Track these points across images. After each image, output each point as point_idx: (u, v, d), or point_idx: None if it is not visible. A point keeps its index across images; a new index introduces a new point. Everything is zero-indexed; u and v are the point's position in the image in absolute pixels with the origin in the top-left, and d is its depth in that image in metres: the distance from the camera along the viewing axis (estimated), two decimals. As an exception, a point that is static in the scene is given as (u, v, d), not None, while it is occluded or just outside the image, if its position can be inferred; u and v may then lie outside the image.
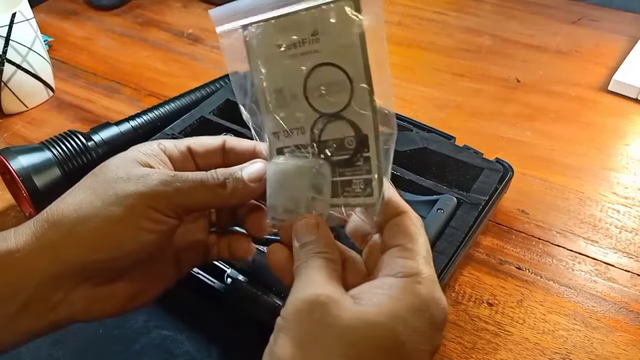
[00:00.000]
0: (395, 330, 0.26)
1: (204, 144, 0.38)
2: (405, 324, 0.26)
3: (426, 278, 0.28)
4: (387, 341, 0.26)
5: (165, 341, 0.44)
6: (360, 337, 0.26)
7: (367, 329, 0.26)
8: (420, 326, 0.27)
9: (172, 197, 0.32)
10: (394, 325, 0.26)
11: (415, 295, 0.27)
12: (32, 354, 0.43)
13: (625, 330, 0.46)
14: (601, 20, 0.86)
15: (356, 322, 0.26)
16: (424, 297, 0.27)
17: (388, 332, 0.26)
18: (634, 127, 0.67)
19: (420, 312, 0.27)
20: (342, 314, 0.27)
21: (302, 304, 0.28)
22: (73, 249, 0.31)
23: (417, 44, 0.83)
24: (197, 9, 0.93)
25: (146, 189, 0.32)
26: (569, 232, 0.54)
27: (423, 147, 0.56)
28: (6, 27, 0.64)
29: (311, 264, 0.30)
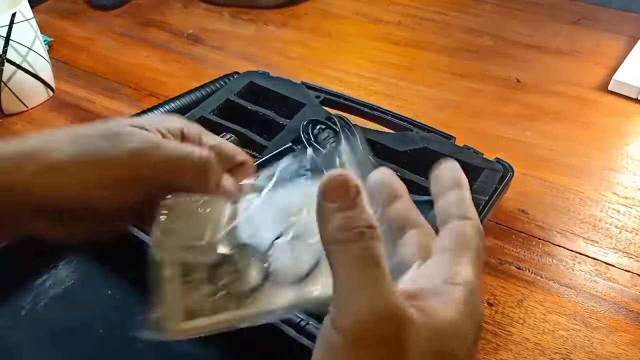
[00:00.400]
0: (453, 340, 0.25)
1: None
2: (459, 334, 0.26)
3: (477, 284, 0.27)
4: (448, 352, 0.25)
5: (165, 341, 0.44)
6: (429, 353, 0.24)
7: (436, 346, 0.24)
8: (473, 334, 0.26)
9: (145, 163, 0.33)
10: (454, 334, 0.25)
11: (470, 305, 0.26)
12: (32, 354, 0.43)
13: (625, 330, 0.46)
14: (601, 20, 0.86)
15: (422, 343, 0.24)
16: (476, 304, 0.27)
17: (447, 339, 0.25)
18: (634, 127, 0.67)
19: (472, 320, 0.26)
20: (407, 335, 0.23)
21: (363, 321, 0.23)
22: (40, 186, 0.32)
23: (416, 44, 0.83)
24: (197, 9, 0.93)
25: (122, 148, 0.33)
26: (569, 232, 0.54)
27: (423, 147, 0.56)
28: (6, 27, 0.64)
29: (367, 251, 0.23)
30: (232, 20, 0.90)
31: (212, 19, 0.90)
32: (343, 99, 0.63)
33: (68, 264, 0.49)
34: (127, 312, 0.46)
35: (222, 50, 0.82)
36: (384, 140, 0.56)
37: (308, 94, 0.63)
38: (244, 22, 0.90)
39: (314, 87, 0.64)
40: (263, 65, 0.74)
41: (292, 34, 0.86)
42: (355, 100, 0.63)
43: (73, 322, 0.45)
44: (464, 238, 0.29)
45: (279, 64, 0.79)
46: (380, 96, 0.73)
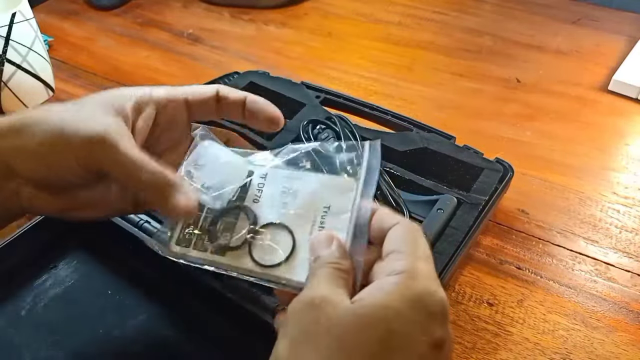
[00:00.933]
0: (385, 319, 0.27)
1: (198, 94, 0.40)
2: (397, 314, 0.27)
3: (420, 274, 0.29)
4: (377, 330, 0.26)
5: (165, 341, 0.44)
6: (348, 328, 0.27)
7: (356, 320, 0.27)
8: (414, 316, 0.27)
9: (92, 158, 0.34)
10: (384, 314, 0.27)
11: (408, 288, 0.28)
12: (32, 354, 0.43)
13: (625, 330, 0.46)
14: (601, 20, 0.86)
15: (346, 316, 0.27)
16: (417, 290, 0.28)
17: (377, 322, 0.27)
18: (634, 127, 0.67)
19: (414, 303, 0.27)
20: (334, 312, 0.27)
21: (298, 305, 0.29)
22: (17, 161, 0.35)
23: (416, 44, 0.83)
24: (197, 9, 0.93)
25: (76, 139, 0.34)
26: (569, 232, 0.54)
27: (423, 147, 0.56)
28: (6, 27, 0.64)
29: (318, 272, 0.31)
30: (232, 20, 0.90)
31: (212, 19, 0.90)
32: (343, 99, 0.63)
33: (68, 264, 0.49)
34: (127, 312, 0.46)
35: (222, 50, 0.83)
36: (384, 140, 0.56)
37: (308, 94, 0.63)
38: (244, 22, 0.90)
39: (314, 87, 0.64)
40: (263, 65, 0.74)
41: (292, 34, 0.86)
42: (355, 100, 0.63)
43: (73, 322, 0.45)
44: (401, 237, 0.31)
45: (279, 64, 0.79)
46: (380, 96, 0.73)
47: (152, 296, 0.47)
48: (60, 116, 0.35)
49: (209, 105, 0.40)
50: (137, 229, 0.48)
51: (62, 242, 0.51)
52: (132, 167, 0.34)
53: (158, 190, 0.35)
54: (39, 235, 0.49)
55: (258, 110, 0.39)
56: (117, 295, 0.47)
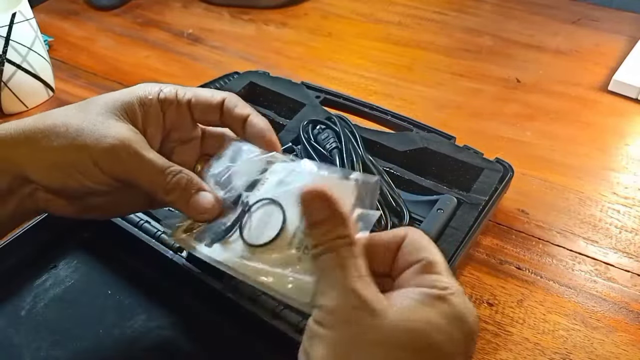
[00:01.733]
0: (432, 336, 0.26)
1: (203, 100, 0.39)
2: (441, 331, 0.26)
3: (457, 290, 0.28)
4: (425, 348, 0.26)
5: (165, 341, 0.44)
6: (399, 344, 0.26)
7: (407, 335, 0.26)
8: (457, 335, 0.27)
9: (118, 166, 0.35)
10: (431, 331, 0.26)
11: (450, 305, 0.27)
12: (32, 354, 0.43)
13: (625, 330, 0.46)
14: (601, 20, 0.86)
15: (395, 330, 0.26)
16: (459, 308, 0.27)
17: (424, 339, 0.26)
18: (634, 127, 0.67)
19: (456, 321, 0.27)
20: (379, 322, 0.26)
21: (337, 309, 0.27)
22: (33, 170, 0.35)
23: (416, 44, 0.83)
24: (197, 9, 0.93)
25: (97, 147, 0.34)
26: (569, 232, 0.54)
27: (423, 147, 0.56)
28: (6, 27, 0.64)
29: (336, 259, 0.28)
30: (232, 20, 0.90)
31: (212, 19, 0.90)
32: (343, 99, 0.63)
33: (68, 264, 0.49)
34: (127, 312, 0.46)
35: (222, 50, 0.83)
36: (384, 140, 0.56)
37: (308, 94, 0.63)
38: (244, 22, 0.90)
39: (314, 87, 0.64)
40: (263, 65, 0.74)
41: (292, 34, 0.86)
42: (355, 100, 0.63)
43: (73, 322, 0.45)
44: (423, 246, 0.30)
45: (278, 64, 0.79)
46: (380, 96, 0.73)
47: (152, 296, 0.47)
48: (75, 125, 0.35)
49: (212, 113, 0.40)
50: (137, 229, 0.48)
51: (62, 242, 0.51)
52: (156, 172, 0.35)
53: (181, 193, 0.36)
54: (39, 235, 0.49)
55: (257, 133, 0.39)
56: (117, 295, 0.47)
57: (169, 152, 0.40)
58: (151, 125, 0.38)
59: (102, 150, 0.34)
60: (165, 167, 0.36)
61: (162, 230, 0.48)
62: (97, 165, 0.35)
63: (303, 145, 0.54)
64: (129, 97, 0.37)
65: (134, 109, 0.37)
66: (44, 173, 0.35)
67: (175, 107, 0.39)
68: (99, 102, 0.37)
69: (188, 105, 0.39)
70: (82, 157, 0.35)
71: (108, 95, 0.38)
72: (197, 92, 0.40)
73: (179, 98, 0.39)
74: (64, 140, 0.35)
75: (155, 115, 0.38)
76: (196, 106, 0.39)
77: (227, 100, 0.39)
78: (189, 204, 0.36)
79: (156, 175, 0.35)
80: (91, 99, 0.38)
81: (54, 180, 0.36)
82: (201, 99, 0.39)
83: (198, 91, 0.40)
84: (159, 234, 0.47)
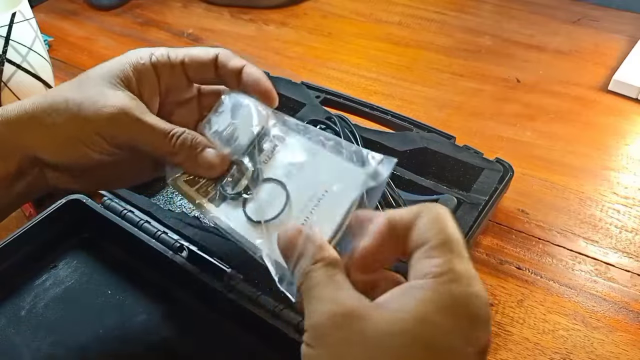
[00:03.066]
0: (424, 336, 0.24)
1: (197, 58, 0.39)
2: (437, 328, 0.24)
3: (459, 273, 0.25)
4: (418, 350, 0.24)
5: (165, 341, 0.44)
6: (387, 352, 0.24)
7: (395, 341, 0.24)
8: (458, 327, 0.24)
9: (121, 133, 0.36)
10: (423, 331, 0.24)
11: (448, 294, 0.25)
12: (32, 354, 0.43)
13: (625, 330, 0.46)
14: (601, 20, 0.86)
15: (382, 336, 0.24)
16: (458, 295, 0.25)
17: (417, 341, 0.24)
18: (634, 127, 0.67)
19: (455, 311, 0.24)
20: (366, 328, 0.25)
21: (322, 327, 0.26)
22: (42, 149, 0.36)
23: (417, 44, 0.83)
24: (197, 9, 0.93)
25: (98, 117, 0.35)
26: (569, 232, 0.54)
27: (423, 147, 0.56)
28: (6, 27, 0.64)
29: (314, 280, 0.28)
30: (232, 20, 0.90)
31: (212, 18, 0.90)
32: (343, 99, 0.63)
33: (68, 264, 0.49)
34: (127, 312, 0.46)
35: (222, 50, 0.82)
36: (384, 140, 0.56)
37: (308, 94, 0.63)
38: (244, 22, 0.90)
39: (314, 87, 0.64)
40: (263, 65, 0.74)
41: (292, 33, 0.86)
42: (355, 100, 0.63)
43: (73, 322, 0.45)
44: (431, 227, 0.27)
45: (278, 64, 0.79)
46: (380, 96, 0.73)
47: (152, 296, 0.47)
48: (75, 99, 0.36)
49: (207, 70, 0.39)
50: (137, 229, 0.48)
51: (62, 242, 0.51)
52: (159, 136, 0.36)
53: (188, 153, 0.36)
54: (39, 235, 0.49)
55: (252, 82, 0.39)
56: (117, 295, 0.47)
57: (168, 115, 0.40)
58: (147, 90, 0.38)
59: (104, 120, 0.35)
60: (168, 130, 0.36)
61: (162, 230, 0.48)
62: (100, 136, 0.35)
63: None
64: (122, 64, 0.38)
65: (128, 76, 0.37)
66: (52, 150, 0.36)
67: (169, 69, 0.39)
68: (94, 74, 0.38)
69: (182, 65, 0.39)
70: (86, 130, 0.35)
71: (101, 66, 0.38)
72: (190, 51, 0.39)
73: (171, 59, 0.39)
74: (67, 116, 0.35)
75: (150, 80, 0.39)
76: (190, 65, 0.39)
77: (220, 54, 0.39)
78: (197, 162, 0.36)
79: (160, 138, 0.36)
80: (85, 73, 0.38)
81: (63, 156, 0.36)
82: (194, 57, 0.39)
83: (190, 50, 0.40)
84: (159, 234, 0.47)
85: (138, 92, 0.38)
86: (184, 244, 0.46)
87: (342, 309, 0.26)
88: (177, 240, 0.47)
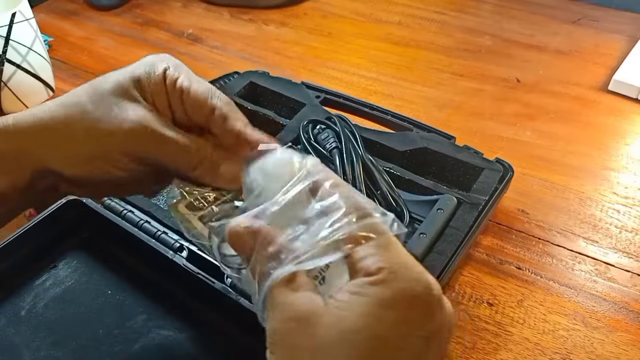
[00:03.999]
0: (370, 329, 0.24)
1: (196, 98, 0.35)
2: (380, 320, 0.24)
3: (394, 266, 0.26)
4: (368, 343, 0.24)
5: (165, 341, 0.44)
6: (337, 350, 0.25)
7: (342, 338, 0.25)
8: (401, 315, 0.25)
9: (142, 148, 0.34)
10: (367, 324, 0.24)
11: (386, 287, 0.25)
12: (32, 354, 0.43)
13: (625, 330, 0.46)
14: (601, 20, 0.86)
15: (330, 335, 0.25)
16: (397, 285, 0.25)
17: (364, 335, 0.24)
18: (634, 127, 0.67)
19: (395, 301, 0.25)
20: (316, 331, 0.25)
21: (278, 332, 0.26)
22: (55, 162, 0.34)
23: (416, 44, 0.83)
24: (197, 9, 0.93)
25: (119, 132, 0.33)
26: (569, 232, 0.54)
27: (423, 147, 0.56)
28: (6, 27, 0.64)
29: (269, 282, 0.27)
30: (232, 20, 0.90)
31: (211, 19, 0.90)
32: (343, 99, 0.63)
33: (68, 264, 0.49)
34: (127, 312, 0.46)
35: (222, 50, 0.82)
36: (384, 140, 0.56)
37: (308, 94, 0.63)
38: (243, 22, 0.90)
39: (314, 87, 0.64)
40: (263, 65, 0.74)
41: (292, 33, 0.86)
42: (355, 100, 0.63)
43: (73, 322, 0.45)
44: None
45: (278, 63, 0.79)
46: (380, 96, 0.73)
47: (152, 296, 0.47)
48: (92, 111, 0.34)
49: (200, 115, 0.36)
50: (137, 229, 0.48)
51: (62, 242, 0.51)
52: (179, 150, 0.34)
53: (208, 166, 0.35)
54: (39, 235, 0.49)
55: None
56: (117, 295, 0.47)
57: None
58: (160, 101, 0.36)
59: (125, 135, 0.33)
60: (187, 143, 0.34)
61: (162, 230, 0.48)
62: (121, 151, 0.34)
63: (303, 145, 0.54)
64: (137, 74, 0.36)
65: (143, 84, 0.35)
66: (67, 164, 0.34)
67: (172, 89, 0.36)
68: (109, 82, 0.35)
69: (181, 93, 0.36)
70: (106, 145, 0.34)
71: (117, 73, 0.36)
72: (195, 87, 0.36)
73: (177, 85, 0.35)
74: (85, 130, 0.34)
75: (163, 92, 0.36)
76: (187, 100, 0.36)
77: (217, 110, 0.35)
78: (217, 175, 0.35)
79: (180, 152, 0.34)
80: (100, 79, 0.36)
81: (78, 171, 0.35)
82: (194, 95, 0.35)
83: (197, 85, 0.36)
84: (159, 234, 0.47)
85: (152, 102, 0.36)
86: (184, 244, 0.46)
87: (292, 312, 0.26)
88: (177, 240, 0.47)
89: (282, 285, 0.27)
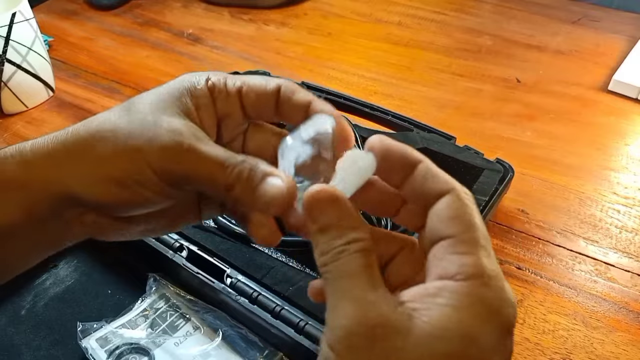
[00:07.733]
0: (467, 353, 0.23)
1: (256, 87, 0.33)
2: (475, 342, 0.23)
3: (491, 276, 0.24)
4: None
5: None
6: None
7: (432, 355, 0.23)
8: (492, 339, 0.23)
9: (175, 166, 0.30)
10: (465, 348, 0.23)
11: (483, 302, 0.23)
12: (32, 353, 0.43)
13: (625, 330, 0.46)
14: (601, 20, 0.86)
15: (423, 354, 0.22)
16: (492, 302, 0.23)
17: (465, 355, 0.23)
18: (634, 127, 0.67)
19: (490, 322, 0.23)
20: (405, 347, 0.22)
21: (354, 335, 0.23)
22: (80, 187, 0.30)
23: (416, 44, 0.83)
24: (197, 9, 0.93)
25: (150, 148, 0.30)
26: (569, 232, 0.54)
27: (423, 147, 0.56)
28: (6, 27, 0.64)
29: (346, 266, 0.24)
30: (232, 20, 0.90)
31: (212, 19, 0.90)
32: (343, 99, 0.63)
33: (68, 264, 0.49)
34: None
35: (222, 50, 0.83)
36: (384, 140, 0.56)
37: (308, 94, 0.63)
38: (244, 22, 0.90)
39: (314, 87, 0.64)
40: (263, 65, 0.74)
41: (292, 34, 0.86)
42: (355, 100, 0.63)
43: (73, 322, 0.45)
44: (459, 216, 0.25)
45: (279, 63, 0.79)
46: (380, 96, 0.73)
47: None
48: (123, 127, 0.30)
49: (266, 102, 0.33)
50: (137, 229, 0.48)
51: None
52: (214, 166, 0.30)
53: (245, 185, 0.29)
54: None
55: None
56: (117, 295, 0.47)
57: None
58: (206, 117, 0.33)
59: (156, 150, 0.29)
60: (224, 158, 0.30)
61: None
62: (152, 169, 0.30)
63: (303, 145, 0.54)
64: (177, 89, 0.33)
65: (186, 102, 0.32)
66: (93, 188, 0.30)
67: (224, 96, 0.33)
68: (146, 99, 0.32)
69: (238, 94, 0.33)
70: (136, 163, 0.30)
71: (154, 92, 0.33)
72: (248, 80, 0.34)
73: (228, 86, 0.33)
74: (113, 147, 0.30)
75: (208, 106, 0.33)
76: (247, 95, 0.33)
77: (283, 86, 0.33)
78: (255, 197, 0.29)
79: (215, 169, 0.29)
80: (136, 98, 0.33)
81: (105, 196, 0.30)
82: (253, 87, 0.33)
83: (249, 79, 0.34)
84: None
85: (198, 119, 0.32)
86: (184, 244, 0.46)
87: (378, 319, 0.23)
88: (177, 240, 0.47)
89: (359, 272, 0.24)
